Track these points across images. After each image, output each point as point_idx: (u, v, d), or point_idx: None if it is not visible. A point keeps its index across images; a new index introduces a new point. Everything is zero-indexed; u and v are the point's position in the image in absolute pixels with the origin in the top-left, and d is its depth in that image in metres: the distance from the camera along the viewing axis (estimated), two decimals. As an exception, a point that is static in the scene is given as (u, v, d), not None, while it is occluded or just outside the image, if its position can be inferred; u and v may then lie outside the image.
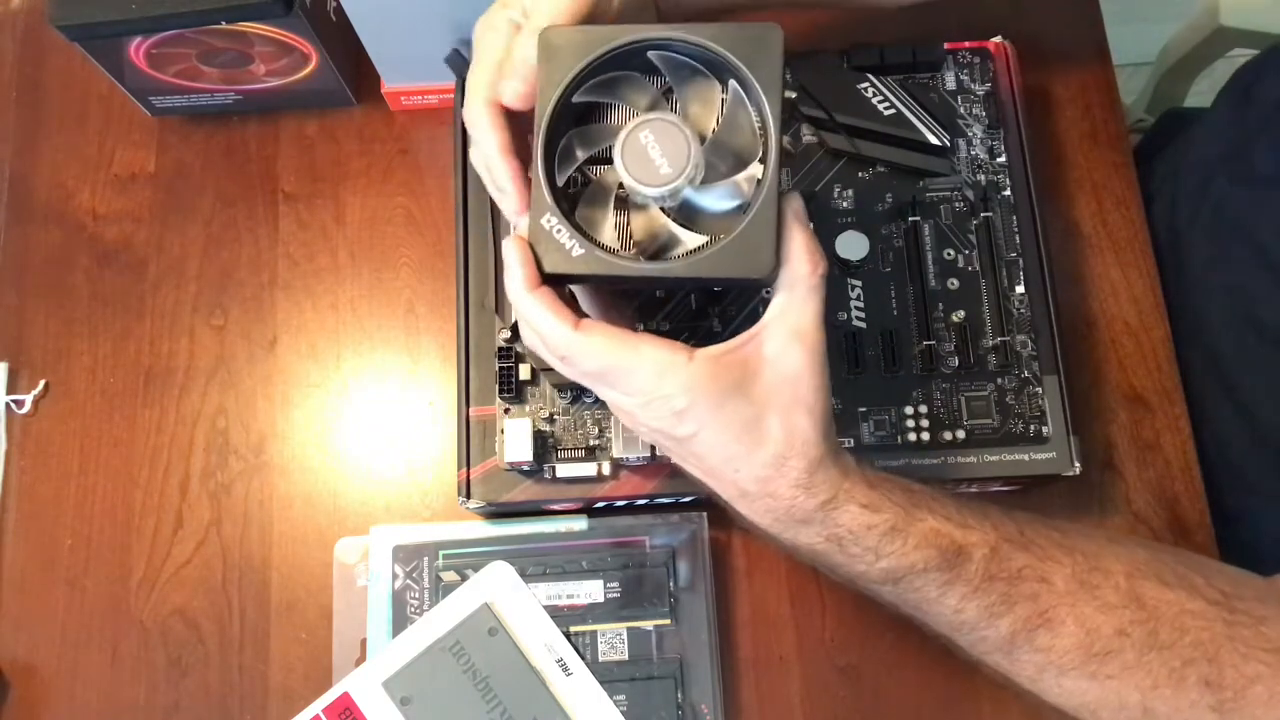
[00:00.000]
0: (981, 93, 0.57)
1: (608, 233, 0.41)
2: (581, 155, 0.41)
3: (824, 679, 0.54)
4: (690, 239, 0.39)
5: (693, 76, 0.41)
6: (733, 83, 0.40)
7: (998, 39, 0.59)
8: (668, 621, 0.53)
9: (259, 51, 0.58)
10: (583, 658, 0.52)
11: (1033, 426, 0.52)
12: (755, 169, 0.39)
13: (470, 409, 0.53)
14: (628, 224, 0.41)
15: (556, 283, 0.41)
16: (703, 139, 0.40)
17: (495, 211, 0.55)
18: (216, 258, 0.62)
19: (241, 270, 0.62)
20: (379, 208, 0.62)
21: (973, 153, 0.56)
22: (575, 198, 0.41)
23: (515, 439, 0.51)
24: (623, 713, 0.51)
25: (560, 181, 0.41)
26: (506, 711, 0.50)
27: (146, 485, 0.58)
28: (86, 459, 0.59)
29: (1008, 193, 0.56)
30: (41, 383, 0.60)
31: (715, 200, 0.40)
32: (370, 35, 0.58)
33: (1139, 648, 0.41)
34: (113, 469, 0.59)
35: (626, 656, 0.53)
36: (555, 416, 0.53)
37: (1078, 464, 0.52)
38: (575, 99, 0.41)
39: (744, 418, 0.39)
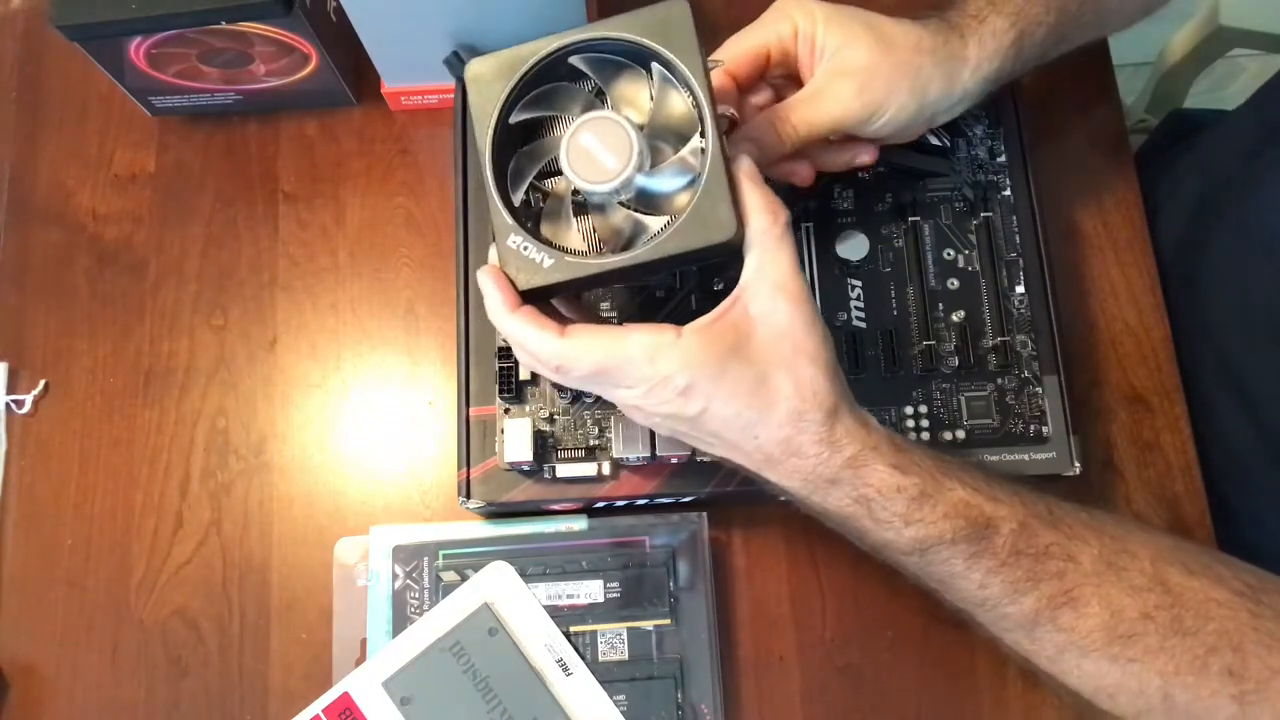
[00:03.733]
0: (981, 93, 0.57)
1: (574, 240, 0.42)
2: (531, 172, 0.43)
3: (824, 679, 0.54)
4: (653, 223, 0.41)
5: (619, 71, 0.42)
6: (656, 65, 0.41)
7: (998, 39, 0.58)
8: (668, 621, 0.53)
9: (259, 51, 0.58)
10: (583, 658, 0.52)
11: (1033, 426, 0.52)
12: (697, 142, 0.40)
13: (470, 409, 0.53)
14: (593, 228, 0.42)
15: (536, 299, 0.42)
16: (642, 127, 0.41)
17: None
18: (216, 258, 0.62)
19: (241, 270, 0.62)
20: (379, 208, 0.62)
21: (973, 153, 0.56)
22: (538, 215, 0.43)
23: (515, 439, 0.51)
24: (623, 713, 0.51)
25: (516, 201, 0.42)
26: (506, 711, 0.50)
27: (146, 485, 0.58)
28: (86, 459, 0.59)
29: (1008, 193, 0.56)
30: (41, 383, 0.60)
31: (668, 181, 0.41)
32: (370, 35, 0.58)
33: (1163, 632, 0.40)
34: (113, 469, 0.59)
35: (626, 656, 0.53)
36: (555, 416, 0.53)
37: (1078, 464, 0.52)
38: (513, 120, 0.42)
39: (749, 380, 0.40)
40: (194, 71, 0.59)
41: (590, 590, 0.53)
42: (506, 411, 0.53)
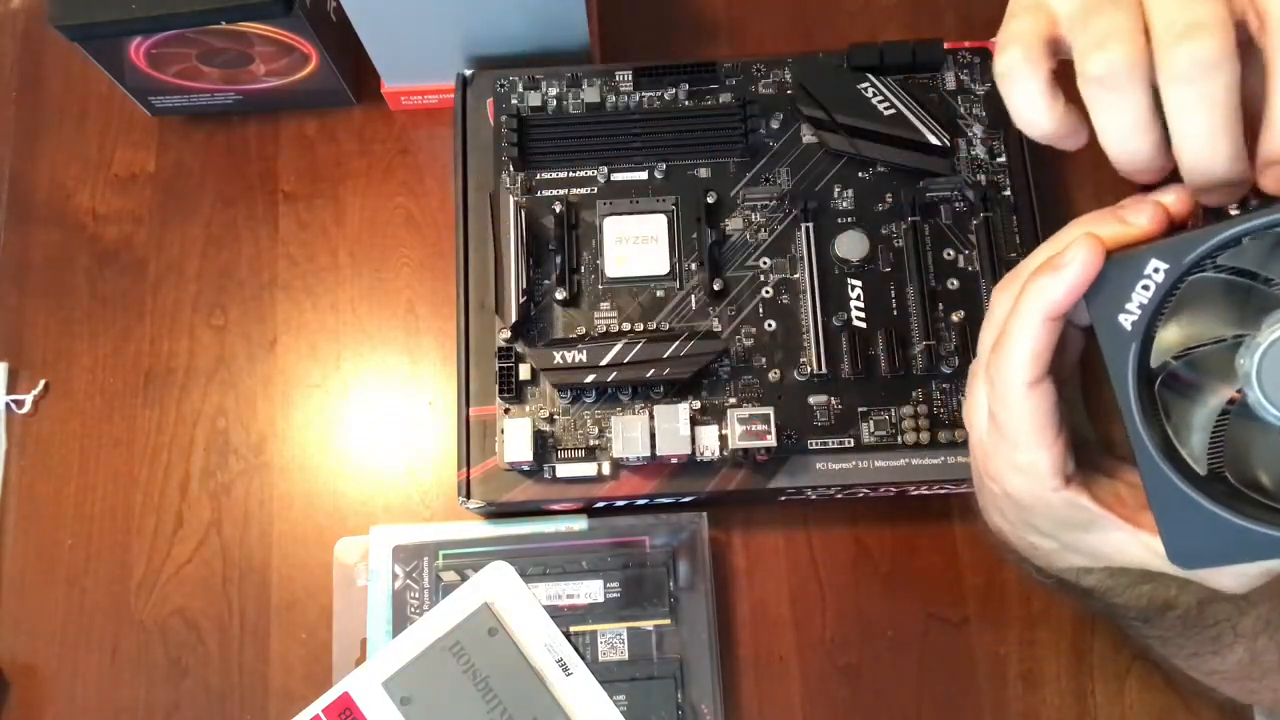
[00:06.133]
0: (981, 93, 0.57)
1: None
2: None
3: (824, 679, 0.54)
4: None
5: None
6: None
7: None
8: (668, 621, 0.53)
9: (259, 51, 0.58)
10: (583, 658, 0.52)
11: (1033, 426, 0.52)
12: None
13: (470, 409, 0.53)
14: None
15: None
16: None
17: (496, 211, 0.55)
18: (216, 258, 0.62)
19: (241, 270, 0.62)
20: (379, 208, 0.62)
21: (973, 153, 0.56)
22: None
23: (515, 439, 0.51)
24: (623, 713, 0.51)
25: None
26: (506, 711, 0.50)
27: (146, 485, 0.58)
28: (86, 459, 0.59)
29: (1008, 193, 0.56)
30: (41, 383, 0.60)
31: None
32: (370, 35, 0.58)
33: None
34: (113, 469, 0.59)
35: (626, 656, 0.53)
36: (555, 416, 0.53)
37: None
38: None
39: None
40: (194, 71, 0.59)
41: (590, 590, 0.53)
42: (506, 411, 0.53)
